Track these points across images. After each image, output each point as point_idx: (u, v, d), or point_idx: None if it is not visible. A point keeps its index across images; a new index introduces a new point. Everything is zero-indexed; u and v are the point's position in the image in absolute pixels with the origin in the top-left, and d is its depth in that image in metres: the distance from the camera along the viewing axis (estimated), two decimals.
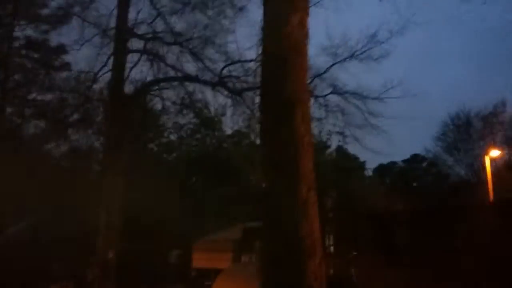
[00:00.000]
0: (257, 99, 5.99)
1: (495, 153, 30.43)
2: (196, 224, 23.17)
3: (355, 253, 7.83)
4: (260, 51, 5.82)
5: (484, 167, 29.96)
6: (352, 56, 15.49)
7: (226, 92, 15.12)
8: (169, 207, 23.02)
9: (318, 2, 12.32)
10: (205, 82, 14.93)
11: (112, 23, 14.87)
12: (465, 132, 37.80)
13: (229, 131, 22.61)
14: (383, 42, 15.20)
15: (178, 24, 15.31)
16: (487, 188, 25.42)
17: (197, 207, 24.51)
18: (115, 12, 14.72)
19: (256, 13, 5.50)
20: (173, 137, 27.30)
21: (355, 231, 8.67)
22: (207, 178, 27.09)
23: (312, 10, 12.65)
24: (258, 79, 5.74)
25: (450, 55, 72.58)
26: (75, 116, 18.09)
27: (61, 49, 20.65)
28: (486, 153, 29.16)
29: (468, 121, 37.72)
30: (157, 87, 16.08)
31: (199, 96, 16.10)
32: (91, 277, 15.37)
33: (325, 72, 15.63)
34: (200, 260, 18.19)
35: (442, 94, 58.31)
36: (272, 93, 5.44)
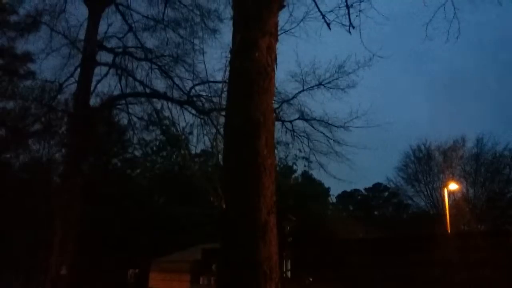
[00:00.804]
0: (223, 120, 5.97)
1: (453, 186, 31.40)
2: (156, 243, 22.71)
3: (311, 279, 7.82)
4: (228, 73, 5.84)
5: (443, 199, 30.82)
6: (320, 84, 15.79)
7: (194, 111, 15.08)
8: (129, 224, 22.52)
9: (288, 30, 12.54)
10: (173, 100, 14.86)
11: (81, 34, 14.72)
12: (426, 165, 38.91)
13: (196, 150, 22.54)
14: (350, 73, 15.56)
15: (150, 40, 15.28)
16: (446, 220, 26.06)
17: (158, 225, 24.05)
18: (85, 24, 14.57)
19: (228, 35, 5.58)
20: (137, 153, 26.86)
21: (313, 257, 8.69)
22: (170, 197, 26.70)
23: (283, 37, 12.89)
24: (225, 100, 5.75)
25: (414, 90, 75.30)
26: (37, 126, 17.58)
27: (27, 57, 20.15)
28: (445, 185, 30.03)
29: (428, 154, 38.89)
30: (124, 101, 15.89)
31: (167, 113, 15.98)
32: None
33: (293, 98, 15.86)
34: (157, 280, 17.78)
35: (404, 126, 60.16)
36: (237, 115, 5.47)
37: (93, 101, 15.44)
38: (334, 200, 47.44)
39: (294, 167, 27.25)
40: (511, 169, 38.10)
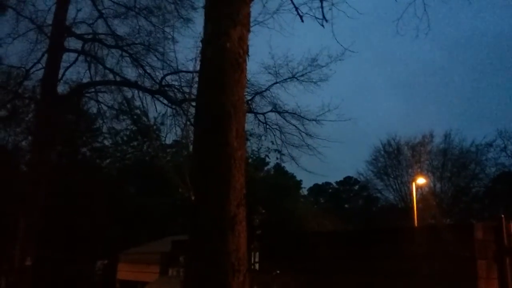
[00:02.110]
0: (194, 110, 5.90)
1: (421, 180, 32.17)
2: (125, 234, 22.44)
3: (278, 271, 7.85)
4: (199, 63, 5.75)
5: (411, 193, 31.54)
6: (293, 77, 15.83)
7: (165, 101, 14.87)
8: (98, 215, 22.15)
9: (262, 21, 12.48)
10: (144, 89, 14.61)
11: (49, 19, 14.28)
12: (395, 159, 39.70)
13: (168, 141, 22.29)
14: (323, 66, 15.65)
15: (121, 28, 14.96)
16: (413, 213, 26.68)
17: (128, 216, 23.75)
18: (53, 8, 14.13)
19: (201, 24, 5.50)
20: (107, 142, 26.39)
21: (281, 249, 8.72)
22: (140, 187, 26.38)
23: (256, 29, 12.83)
24: (196, 90, 5.67)
25: (384, 86, 76.64)
26: (2, 113, 17.05)
27: None
28: (413, 180, 30.73)
29: (398, 149, 39.68)
30: (93, 89, 15.54)
31: (138, 102, 15.73)
32: (3, 285, 14.35)
33: (266, 90, 15.86)
34: (125, 272, 17.58)
35: (375, 121, 61.19)
36: (208, 106, 5.40)
37: (61, 88, 15.07)
38: (306, 192, 47.94)
39: (267, 159, 27.41)
40: (477, 165, 39.30)
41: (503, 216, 7.24)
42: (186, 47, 20.03)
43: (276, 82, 15.87)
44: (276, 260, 8.33)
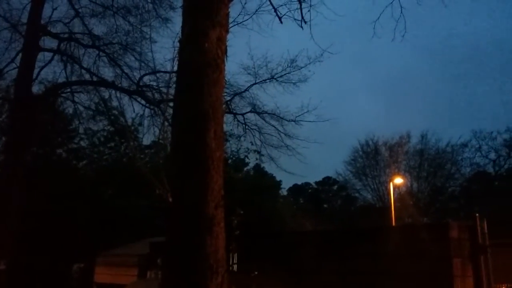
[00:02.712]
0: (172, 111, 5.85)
1: (398, 180, 32.63)
2: (103, 236, 22.10)
3: (256, 272, 7.84)
4: (177, 63, 5.70)
5: (388, 193, 31.96)
6: (272, 77, 15.87)
7: (143, 102, 14.72)
8: (74, 217, 21.76)
9: (241, 22, 12.47)
10: (122, 89, 14.41)
11: (24, 18, 13.97)
12: (373, 159, 40.17)
13: (146, 142, 22.04)
14: (302, 67, 15.72)
15: (98, 27, 14.74)
16: (391, 213, 27.01)
17: (105, 218, 23.39)
18: (28, 7, 13.84)
19: (180, 24, 5.46)
20: (84, 143, 25.95)
21: (260, 250, 8.72)
22: (118, 189, 26.02)
23: (235, 29, 12.82)
24: (174, 91, 5.62)
25: (363, 87, 77.61)
26: None
27: None
28: (391, 180, 31.13)
29: (376, 149, 40.16)
30: (69, 89, 15.26)
31: (115, 103, 15.52)
32: None
33: (245, 90, 15.85)
34: (102, 275, 17.30)
35: (354, 122, 61.87)
36: (186, 106, 5.35)
37: (36, 88, 14.78)
38: (285, 193, 48.09)
39: (246, 160, 27.38)
40: (453, 165, 40.07)
41: (477, 215, 7.39)
42: (164, 47, 19.88)
43: (255, 83, 15.90)
44: (255, 261, 8.33)
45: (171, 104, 6.14)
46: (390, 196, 28.95)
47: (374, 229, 9.27)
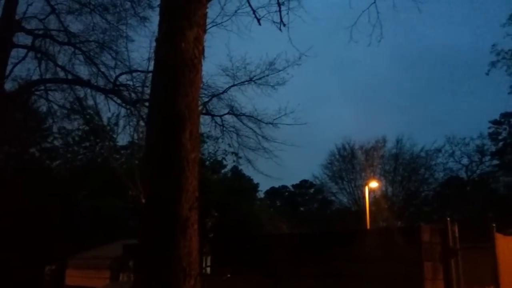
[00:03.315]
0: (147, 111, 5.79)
1: (374, 184, 33.07)
2: (75, 238, 21.68)
3: (228, 275, 7.80)
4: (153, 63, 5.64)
5: (364, 197, 32.32)
6: (250, 80, 15.90)
7: (119, 101, 14.51)
8: (46, 218, 21.30)
9: (220, 23, 12.45)
10: (97, 88, 14.18)
11: None
12: (349, 163, 40.58)
13: (123, 142, 21.74)
14: (280, 70, 15.78)
15: (74, 24, 14.48)
16: (366, 216, 27.33)
17: (78, 219, 22.96)
18: (2, 2, 13.50)
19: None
20: (57, 143, 25.42)
21: (234, 252, 8.67)
22: (92, 190, 25.58)
23: (214, 30, 12.78)
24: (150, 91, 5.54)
25: (340, 91, 78.55)
26: None
27: None
28: (366, 183, 31.51)
29: (352, 153, 40.59)
30: (43, 87, 14.92)
31: (91, 102, 15.26)
32: None
33: (223, 92, 15.82)
34: (74, 277, 16.96)
35: (331, 125, 62.44)
36: (161, 107, 5.29)
37: (9, 85, 14.39)
38: (262, 195, 48.16)
39: (224, 162, 27.31)
40: (426, 169, 40.81)
41: (448, 219, 7.51)
42: (142, 46, 19.75)
43: (234, 85, 15.90)
44: (228, 264, 8.28)
45: (147, 104, 6.06)
46: (366, 200, 29.29)
47: (348, 232, 9.34)
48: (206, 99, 15.56)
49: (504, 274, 7.28)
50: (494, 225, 7.49)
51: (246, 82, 15.92)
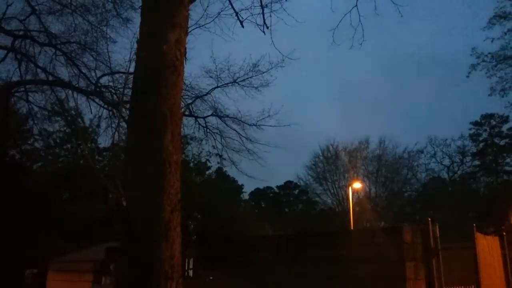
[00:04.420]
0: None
1: (357, 185, 33.33)
2: (57, 241, 21.37)
3: (211, 277, 7.78)
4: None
5: (347, 197, 32.56)
6: (234, 81, 15.88)
7: (101, 103, 14.35)
8: (28, 221, 20.96)
9: (203, 25, 12.41)
10: (79, 90, 14.00)
11: None
12: (333, 164, 40.85)
13: (105, 144, 21.50)
14: (264, 72, 15.81)
15: (55, 25, 14.26)
16: (350, 217, 27.52)
17: (60, 222, 22.64)
18: None
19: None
20: (38, 145, 25.02)
21: (217, 254, 8.65)
22: (74, 192, 25.26)
23: (198, 32, 12.73)
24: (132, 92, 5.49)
25: (325, 93, 79.00)
26: None
27: None
28: (350, 184, 31.75)
29: (336, 154, 40.88)
30: (23, 88, 14.68)
31: (72, 103, 15.05)
32: None
33: (207, 94, 15.77)
34: (56, 281, 16.73)
35: (315, 127, 62.78)
36: (143, 109, 5.24)
37: None
38: (247, 197, 48.12)
39: (208, 163, 27.21)
40: (409, 170, 41.33)
41: (429, 219, 7.62)
42: (125, 47, 19.58)
43: (217, 86, 15.86)
44: (211, 266, 8.25)
45: (128, 105, 6.00)
46: (349, 201, 29.50)
47: (331, 233, 9.40)
48: (190, 101, 15.54)
49: (484, 273, 7.41)
50: (474, 225, 7.62)
51: (230, 84, 15.94)
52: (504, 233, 9.41)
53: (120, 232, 5.21)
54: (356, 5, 7.49)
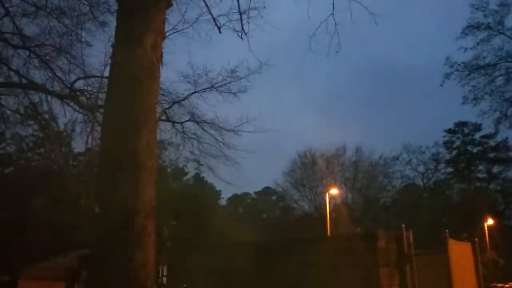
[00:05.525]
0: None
1: (334, 191, 33.56)
2: (30, 248, 20.87)
3: (185, 285, 7.69)
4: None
5: (324, 203, 32.74)
6: (212, 87, 15.82)
7: (76, 107, 14.07)
8: None
9: (181, 30, 12.35)
10: (53, 93, 13.70)
11: None
12: (311, 170, 41.04)
13: (80, 149, 21.11)
14: (242, 78, 15.80)
15: (30, 27, 13.95)
16: (327, 223, 27.65)
17: (33, 228, 22.11)
18: None
19: None
20: (10, 149, 24.42)
21: (191, 261, 8.57)
22: (48, 198, 24.72)
23: (175, 36, 12.67)
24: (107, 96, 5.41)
25: (301, 101, 79.73)
26: None
27: None
28: (327, 190, 31.95)
29: (313, 161, 41.09)
30: None
31: (46, 107, 14.71)
32: None
33: (184, 99, 15.66)
34: None
35: (293, 133, 63.15)
36: (117, 113, 5.17)
37: None
38: (225, 202, 47.97)
39: (186, 169, 27.01)
40: (385, 177, 41.86)
41: (403, 225, 7.71)
42: (101, 51, 19.25)
43: (195, 92, 15.77)
44: (185, 273, 8.16)
45: (101, 110, 5.91)
46: (326, 207, 29.67)
47: (307, 239, 9.41)
48: (167, 106, 15.39)
49: (457, 278, 7.52)
50: (447, 231, 7.74)
51: (208, 89, 15.88)
52: (477, 239, 9.61)
53: (92, 238, 5.11)
54: (333, 14, 7.56)
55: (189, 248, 9.69)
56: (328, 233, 26.27)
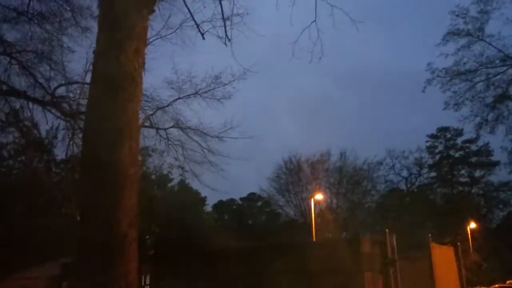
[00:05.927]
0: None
1: (319, 196, 33.69)
2: (10, 257, 20.44)
3: None
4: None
5: (309, 209, 32.83)
6: (196, 93, 15.78)
7: (58, 114, 13.90)
8: None
9: (165, 36, 12.33)
10: (34, 100, 13.52)
11: None
12: (296, 176, 41.13)
13: (62, 156, 20.77)
14: (226, 84, 15.78)
15: (11, 33, 13.76)
16: (312, 228, 27.69)
17: (14, 237, 21.67)
18: None
19: None
20: None
21: (174, 270, 8.50)
22: (29, 206, 24.27)
23: (159, 42, 12.64)
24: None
25: (286, 107, 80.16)
26: None
27: None
28: (312, 196, 32.04)
29: (298, 166, 41.20)
30: None
31: (28, 114, 14.50)
32: None
33: (168, 105, 15.58)
34: None
35: (278, 139, 63.34)
36: (98, 120, 5.10)
37: None
38: (210, 209, 47.70)
39: (170, 175, 26.77)
40: (369, 182, 42.17)
41: (387, 230, 7.76)
42: (83, 57, 19.05)
43: (179, 98, 15.70)
44: (169, 282, 8.09)
45: (82, 116, 5.85)
46: (311, 212, 29.73)
47: (292, 245, 9.43)
48: (151, 112, 15.29)
49: (439, 281, 7.59)
50: (430, 235, 7.83)
51: (192, 95, 15.81)
52: (459, 243, 9.73)
53: (73, 247, 5.02)
54: (315, 21, 7.63)
55: (171, 257, 9.59)
56: (314, 238, 26.30)
